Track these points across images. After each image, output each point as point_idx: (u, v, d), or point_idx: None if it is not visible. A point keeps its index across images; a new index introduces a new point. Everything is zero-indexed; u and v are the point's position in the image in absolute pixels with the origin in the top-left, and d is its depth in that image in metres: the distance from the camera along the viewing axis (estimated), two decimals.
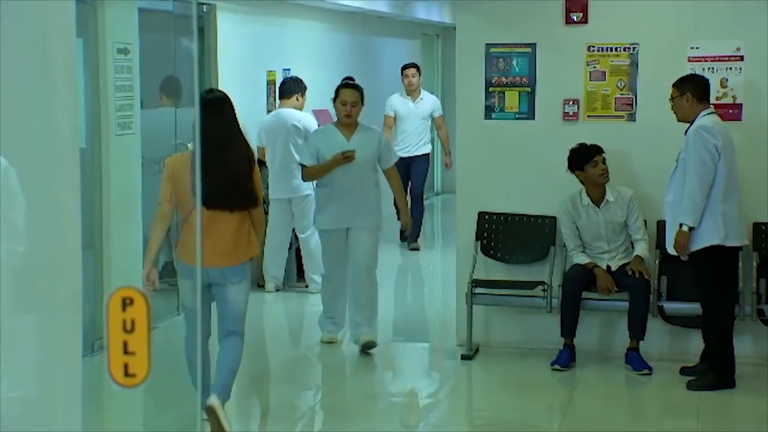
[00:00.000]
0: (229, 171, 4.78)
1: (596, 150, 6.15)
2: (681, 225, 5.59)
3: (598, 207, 6.21)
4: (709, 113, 5.67)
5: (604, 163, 6.15)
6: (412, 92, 10.03)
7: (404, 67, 10.17)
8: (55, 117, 2.45)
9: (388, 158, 6.55)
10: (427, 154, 10.31)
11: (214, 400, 4.59)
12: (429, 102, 10.20)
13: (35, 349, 2.52)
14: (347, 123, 6.45)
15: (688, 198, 5.54)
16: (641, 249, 6.18)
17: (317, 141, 6.51)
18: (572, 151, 6.19)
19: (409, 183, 9.92)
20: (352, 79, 8.15)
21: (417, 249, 10.07)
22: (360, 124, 6.50)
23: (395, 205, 7.38)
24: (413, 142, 10.06)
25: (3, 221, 2.59)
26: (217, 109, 4.85)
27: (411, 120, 10.03)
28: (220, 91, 5.16)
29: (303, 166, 6.55)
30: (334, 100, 6.52)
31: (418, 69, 10.18)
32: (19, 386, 2.51)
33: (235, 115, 4.96)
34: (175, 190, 4.83)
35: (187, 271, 4.85)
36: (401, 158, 8.25)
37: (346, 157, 6.28)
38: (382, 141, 6.55)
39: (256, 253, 5.00)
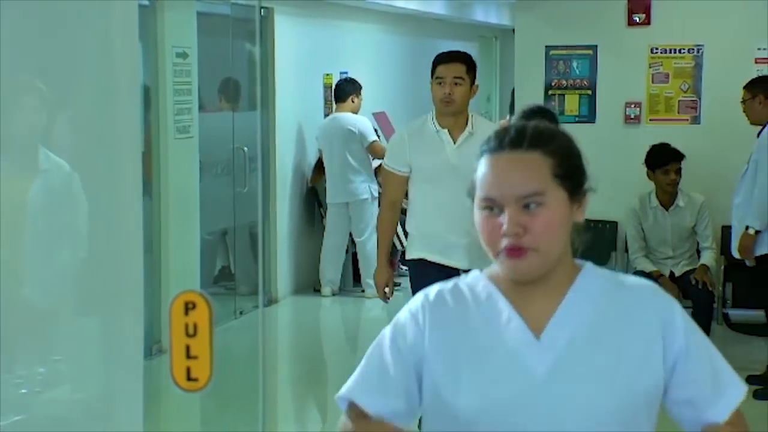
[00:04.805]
0: None
1: (673, 157, 5.94)
2: (747, 228, 5.46)
3: (667, 210, 6.07)
4: None
5: (677, 174, 5.95)
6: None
7: None
8: (118, 121, 2.45)
9: None
10: None
11: None
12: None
13: (97, 352, 2.52)
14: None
15: (758, 201, 5.39)
16: (708, 258, 6.03)
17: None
18: (653, 147, 6.02)
19: None
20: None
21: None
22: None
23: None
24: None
25: (66, 227, 2.60)
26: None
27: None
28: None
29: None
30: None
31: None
32: (82, 389, 2.52)
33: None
34: None
35: None
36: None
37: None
38: None
39: None
